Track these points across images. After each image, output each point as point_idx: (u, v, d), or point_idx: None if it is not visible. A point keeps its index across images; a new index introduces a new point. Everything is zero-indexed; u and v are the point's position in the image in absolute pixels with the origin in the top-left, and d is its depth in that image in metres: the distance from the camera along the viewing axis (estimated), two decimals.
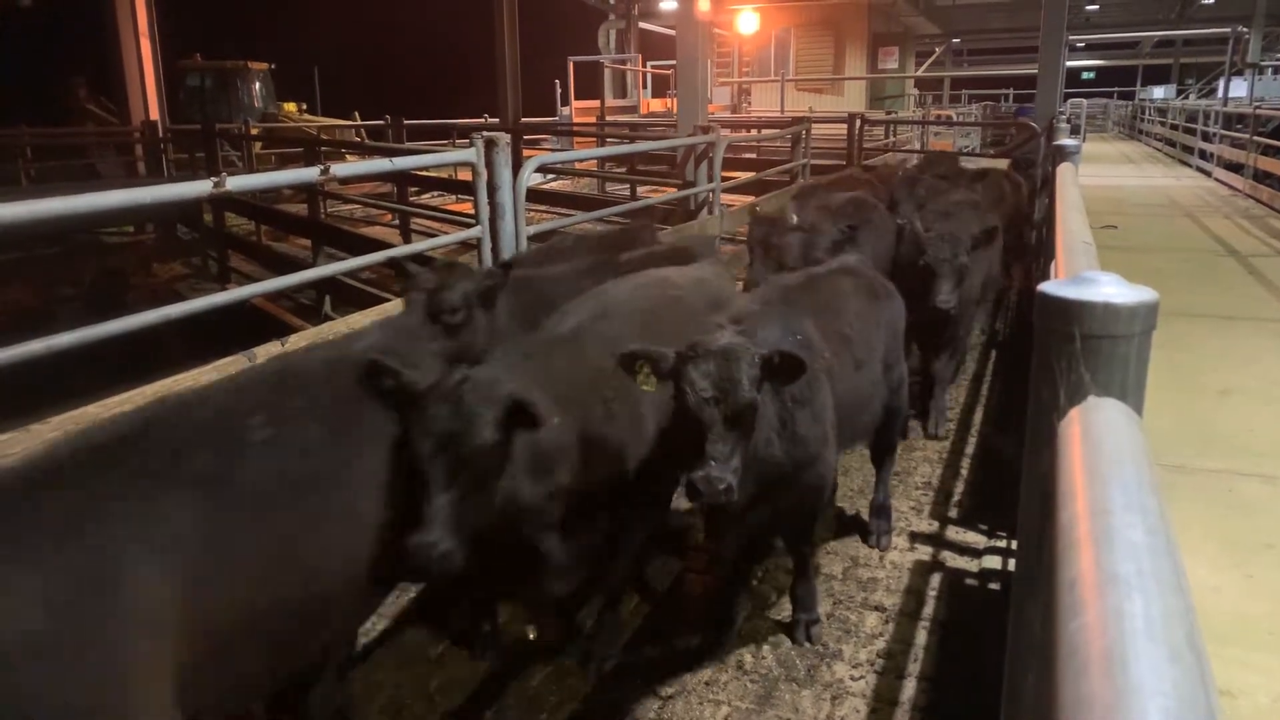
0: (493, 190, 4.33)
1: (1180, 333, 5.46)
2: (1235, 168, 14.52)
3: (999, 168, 9.92)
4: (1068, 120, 12.70)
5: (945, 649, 3.24)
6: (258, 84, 22.04)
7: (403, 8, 41.07)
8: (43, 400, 2.57)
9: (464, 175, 10.70)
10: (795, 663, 3.20)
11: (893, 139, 16.78)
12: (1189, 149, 19.20)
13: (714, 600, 3.55)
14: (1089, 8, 30.07)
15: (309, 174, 3.77)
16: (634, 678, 3.15)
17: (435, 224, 10.34)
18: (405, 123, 14.24)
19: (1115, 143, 29.80)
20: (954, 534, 4.12)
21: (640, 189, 11.74)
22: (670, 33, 20.77)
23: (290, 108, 21.94)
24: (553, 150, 15.22)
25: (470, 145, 4.28)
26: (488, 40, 15.04)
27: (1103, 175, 16.44)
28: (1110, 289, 1.45)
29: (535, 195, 9.89)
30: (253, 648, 1.97)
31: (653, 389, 2.58)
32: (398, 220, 10.79)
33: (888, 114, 21.99)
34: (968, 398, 5.94)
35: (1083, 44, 35.92)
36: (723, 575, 3.27)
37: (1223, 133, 16.27)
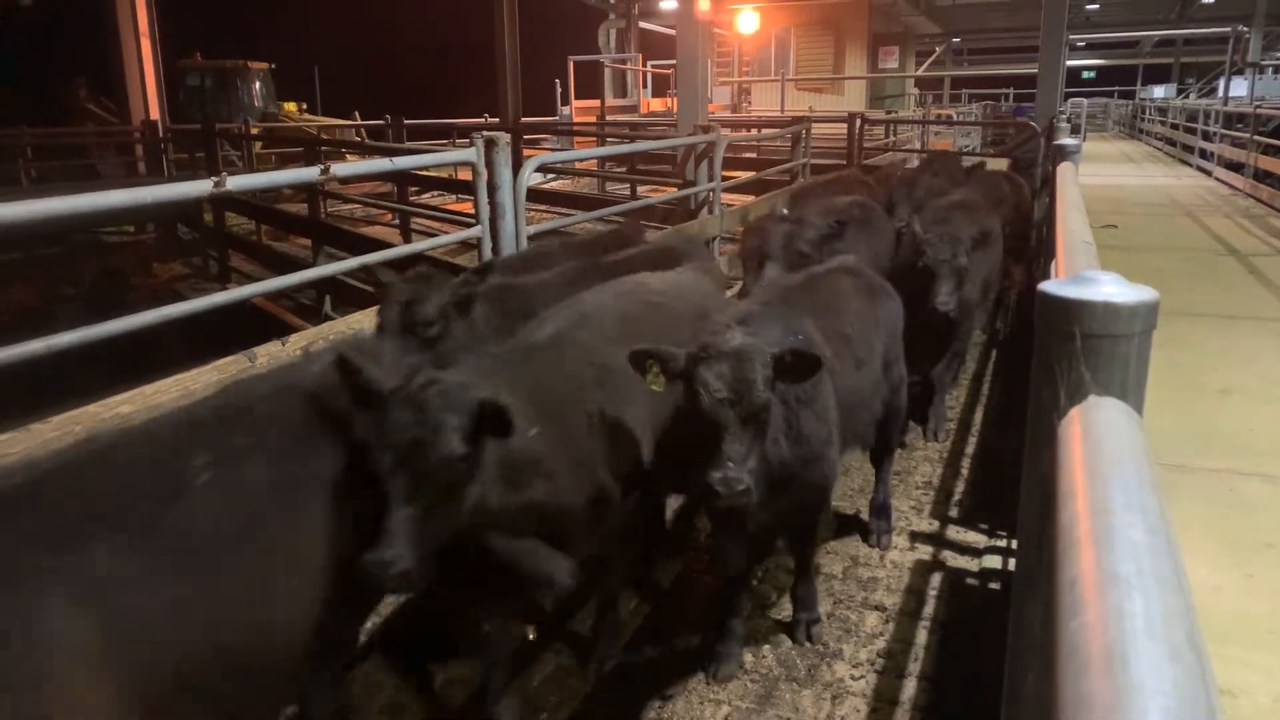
0: (493, 190, 4.33)
1: (1180, 332, 5.46)
2: (1236, 167, 14.52)
3: (997, 167, 9.93)
4: (1068, 119, 12.69)
5: (946, 648, 3.24)
6: (258, 84, 22.04)
7: (403, 7, 41.09)
8: (43, 400, 2.57)
9: (464, 175, 10.70)
10: (796, 662, 3.21)
11: (893, 138, 16.79)
12: (1189, 148, 19.20)
13: (714, 600, 3.55)
14: (1089, 7, 30.06)
15: (309, 174, 3.77)
16: (634, 678, 3.15)
17: (435, 224, 10.34)
18: (405, 122, 14.22)
19: (1115, 142, 29.80)
20: (954, 533, 4.12)
21: (640, 188, 11.73)
22: (670, 32, 20.76)
23: (290, 107, 21.93)
24: (553, 150, 15.21)
25: (470, 145, 4.28)
26: (488, 40, 15.04)
27: (1103, 174, 16.43)
28: (1110, 288, 1.45)
29: (535, 195, 9.89)
30: (196, 708, 1.82)
31: (661, 389, 2.57)
32: (398, 220, 10.80)
33: (888, 113, 21.98)
34: (968, 397, 5.94)
35: (1083, 43, 35.91)
36: (723, 575, 3.27)
37: (1223, 132, 16.27)
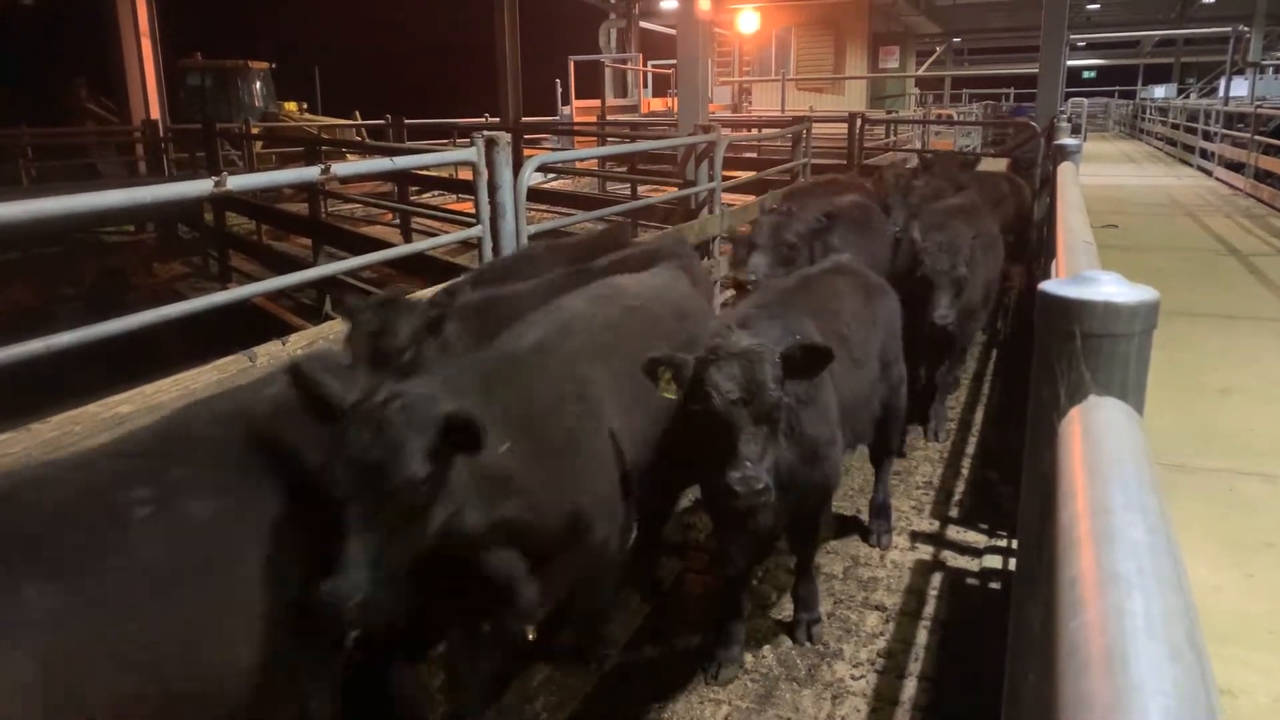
0: (493, 189, 4.33)
1: (1181, 332, 5.45)
2: (1236, 167, 14.51)
3: (993, 167, 9.92)
4: (1068, 119, 12.68)
5: (946, 648, 3.24)
6: (258, 83, 22.05)
7: (403, 7, 41.09)
8: (43, 400, 2.57)
9: (465, 174, 10.67)
10: (796, 662, 3.21)
11: (893, 138, 16.79)
12: (1190, 148, 19.18)
13: (714, 600, 3.55)
14: (1090, 7, 30.04)
15: (309, 173, 3.77)
16: (634, 678, 3.15)
17: (436, 223, 10.33)
18: (406, 122, 14.23)
19: (1116, 142, 29.78)
20: (955, 533, 4.12)
21: (641, 188, 11.73)
22: (671, 32, 20.74)
23: (291, 107, 21.93)
24: (553, 149, 15.20)
25: (471, 144, 4.28)
26: (488, 40, 15.05)
27: (1103, 174, 16.42)
28: (1111, 288, 1.45)
29: (536, 194, 9.88)
30: None
31: (674, 396, 2.57)
32: (398, 220, 10.81)
33: (888, 113, 21.97)
34: (968, 397, 5.94)
35: (1084, 43, 35.88)
36: (723, 575, 3.27)
37: (1224, 132, 16.25)
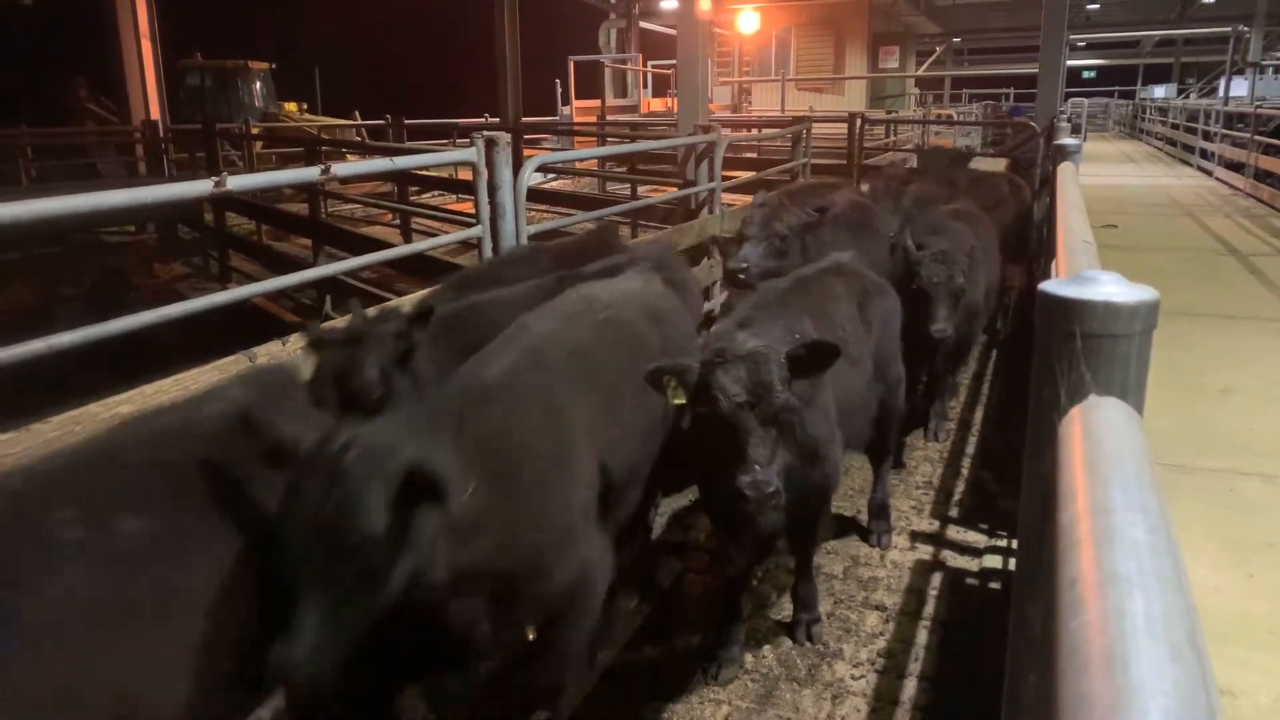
0: (493, 190, 4.32)
1: (1181, 332, 5.45)
2: (1236, 167, 14.49)
3: (989, 165, 9.91)
4: (1068, 119, 12.68)
5: (946, 648, 3.25)
6: (258, 83, 22.04)
7: (403, 7, 41.07)
8: (43, 400, 2.56)
9: (464, 175, 10.68)
10: (796, 662, 3.21)
11: (893, 138, 16.79)
12: (1190, 148, 19.17)
13: (714, 600, 3.55)
14: (1090, 7, 30.04)
15: (310, 173, 3.77)
16: (634, 678, 3.15)
17: (436, 223, 10.33)
18: (406, 122, 14.22)
19: (1116, 142, 29.77)
20: (955, 533, 4.13)
21: (641, 188, 11.73)
22: (671, 32, 20.74)
23: (291, 107, 21.93)
24: (553, 150, 15.20)
25: (471, 145, 4.28)
26: (488, 40, 15.05)
27: (1103, 174, 16.42)
28: (1111, 288, 1.45)
29: (536, 195, 9.88)
30: None
31: (682, 401, 2.56)
32: (398, 220, 10.81)
33: (888, 113, 21.97)
34: (968, 397, 5.94)
35: (1083, 43, 35.87)
36: (723, 575, 3.27)
37: (1223, 132, 16.24)
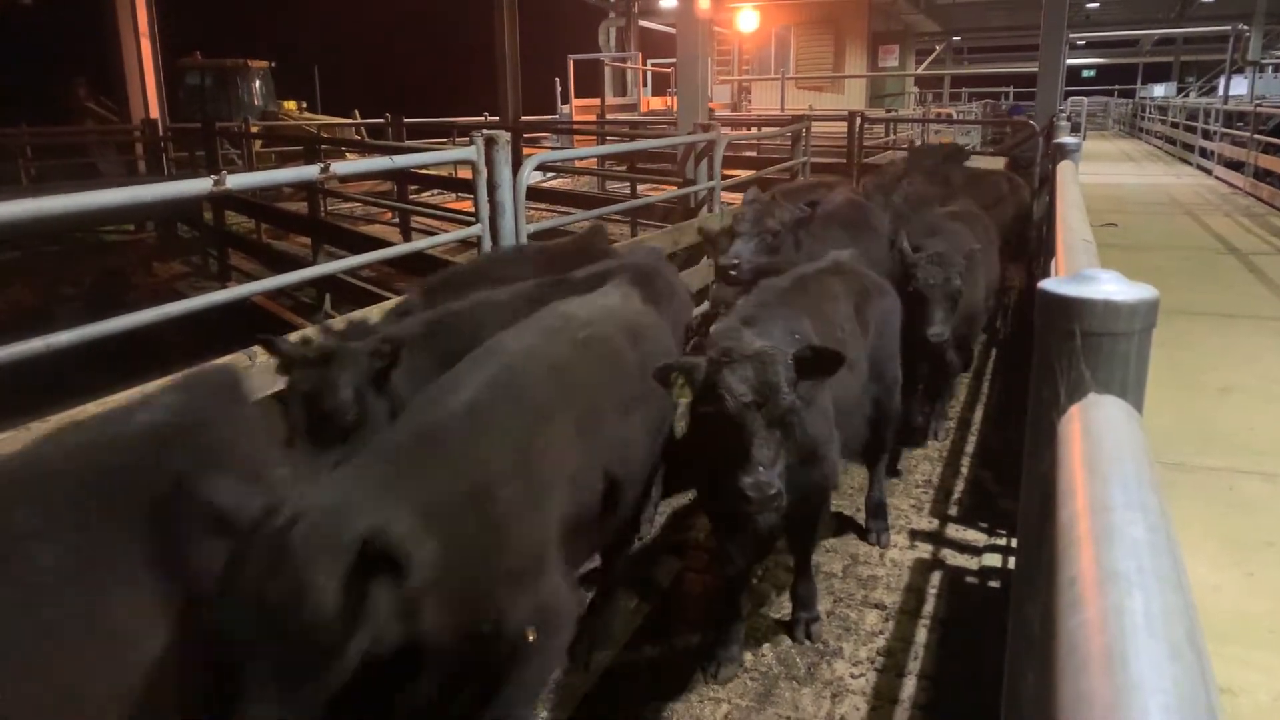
0: (493, 188, 4.32)
1: (1180, 331, 5.45)
2: (1236, 165, 14.49)
3: (982, 162, 9.90)
4: (1068, 118, 12.67)
5: (945, 647, 3.25)
6: (258, 82, 22.04)
7: (403, 6, 41.04)
8: (43, 400, 2.56)
9: (464, 173, 10.69)
10: (795, 661, 3.21)
11: (893, 137, 16.77)
12: (1189, 147, 19.17)
13: (714, 600, 3.55)
14: (1089, 5, 29.99)
15: (309, 172, 3.77)
16: (634, 677, 3.15)
17: (435, 222, 10.33)
18: (405, 121, 14.20)
19: (1116, 141, 29.78)
20: (954, 532, 4.13)
21: (640, 187, 11.73)
22: (670, 31, 20.71)
23: (290, 106, 21.90)
24: (553, 148, 15.19)
25: (470, 143, 4.28)
26: (488, 38, 15.02)
27: (1103, 173, 16.41)
28: (1110, 286, 1.45)
29: (535, 193, 9.88)
30: None
31: (689, 399, 2.56)
32: (398, 218, 10.81)
33: (888, 112, 21.95)
34: (968, 396, 5.94)
35: (1083, 42, 35.83)
36: (723, 574, 3.27)
37: (1223, 130, 16.24)
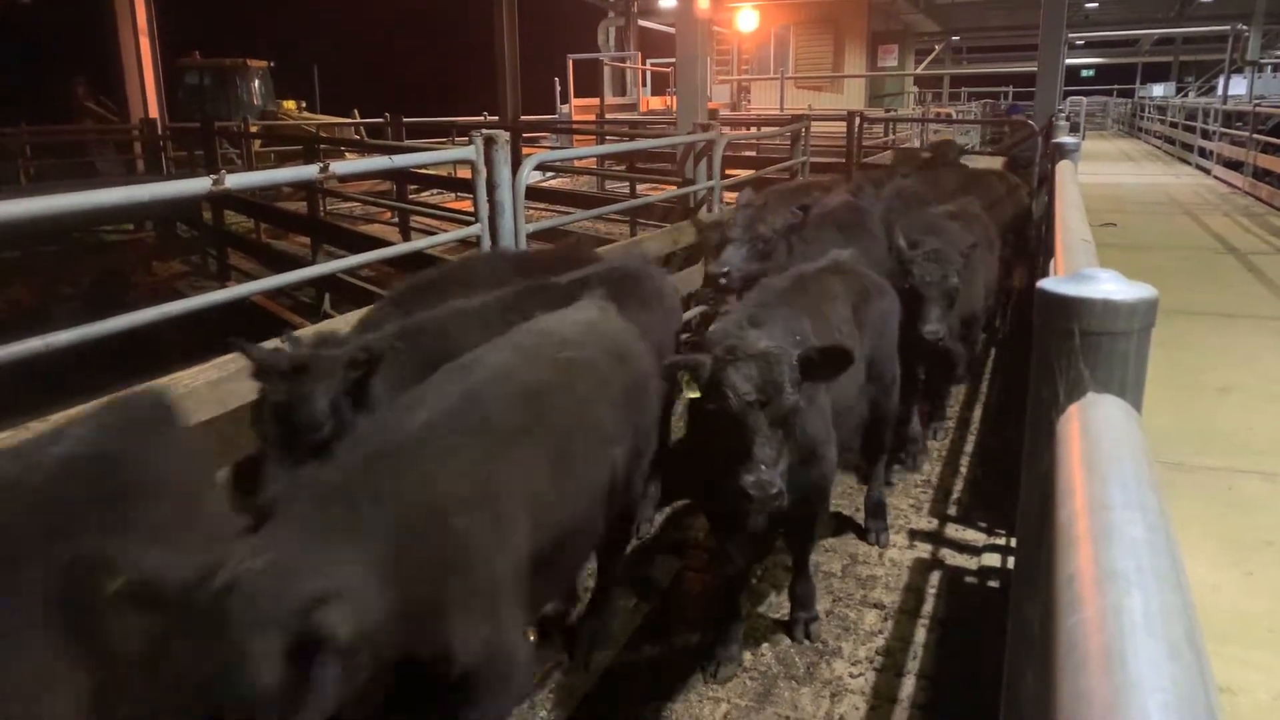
0: (492, 188, 4.32)
1: (1180, 330, 5.45)
2: (1235, 165, 14.49)
3: (982, 162, 9.90)
4: (1067, 118, 12.66)
5: (944, 646, 3.25)
6: (257, 82, 22.05)
7: (402, 6, 41.01)
8: (43, 400, 2.56)
9: (463, 173, 10.68)
10: (794, 660, 3.21)
11: (892, 137, 16.77)
12: (1188, 146, 19.17)
13: (713, 599, 3.55)
14: (1088, 5, 29.97)
15: (308, 172, 3.77)
16: (634, 677, 3.15)
17: (434, 222, 10.33)
18: (404, 120, 14.20)
19: (1115, 140, 29.78)
20: (953, 531, 4.13)
21: (640, 187, 11.73)
22: (670, 30, 20.71)
23: (289, 105, 21.89)
24: (552, 148, 15.19)
25: (469, 143, 4.28)
26: (487, 38, 15.01)
27: (1102, 173, 16.41)
28: (1109, 286, 1.45)
29: (535, 193, 9.89)
30: None
31: (696, 395, 2.57)
32: (397, 218, 10.80)
33: (887, 112, 21.95)
34: (967, 396, 5.94)
35: (1082, 41, 35.83)
36: (722, 574, 3.27)
37: (1222, 130, 16.24)
